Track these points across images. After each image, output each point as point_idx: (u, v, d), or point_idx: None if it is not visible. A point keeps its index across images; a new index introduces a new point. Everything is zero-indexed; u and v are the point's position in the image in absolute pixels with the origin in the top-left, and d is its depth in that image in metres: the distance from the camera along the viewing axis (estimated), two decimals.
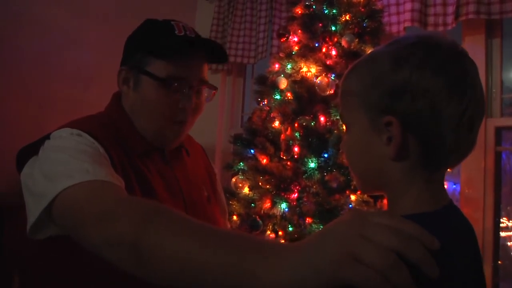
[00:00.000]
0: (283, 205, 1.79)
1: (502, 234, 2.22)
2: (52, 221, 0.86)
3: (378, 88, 0.67)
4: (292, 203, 1.78)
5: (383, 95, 0.66)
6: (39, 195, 0.86)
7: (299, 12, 2.00)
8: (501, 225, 2.17)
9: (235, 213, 1.85)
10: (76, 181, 0.81)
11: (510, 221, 2.50)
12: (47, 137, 0.96)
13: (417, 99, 0.64)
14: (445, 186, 0.73)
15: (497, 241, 2.09)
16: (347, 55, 1.82)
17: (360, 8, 1.90)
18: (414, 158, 0.66)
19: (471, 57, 0.68)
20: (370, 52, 0.74)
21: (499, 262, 2.10)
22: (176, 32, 1.03)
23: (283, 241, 1.76)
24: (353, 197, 1.70)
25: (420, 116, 0.64)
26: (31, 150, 0.96)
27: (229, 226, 1.40)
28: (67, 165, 0.85)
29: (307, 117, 1.82)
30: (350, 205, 1.69)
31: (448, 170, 0.72)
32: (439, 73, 0.64)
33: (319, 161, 1.75)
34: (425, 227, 0.63)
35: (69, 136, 0.93)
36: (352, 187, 1.69)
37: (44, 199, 0.83)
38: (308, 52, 1.91)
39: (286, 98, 1.91)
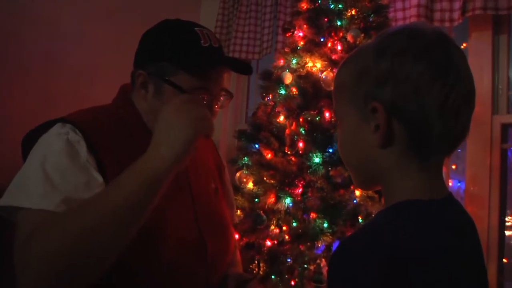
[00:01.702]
0: (288, 200, 1.78)
1: (508, 233, 2.20)
2: None
3: (364, 79, 0.69)
4: (296, 198, 1.77)
5: (369, 84, 0.68)
6: (8, 189, 0.91)
7: (305, 7, 1.99)
8: (507, 223, 2.15)
9: (239, 207, 1.84)
10: (29, 205, 0.86)
11: None
12: (49, 124, 0.97)
13: (400, 85, 0.65)
14: (448, 184, 0.72)
15: (502, 239, 2.08)
16: (352, 50, 1.80)
17: (366, 3, 1.89)
18: (402, 145, 0.67)
19: (458, 45, 0.69)
20: (358, 46, 0.76)
21: (504, 260, 2.09)
22: (201, 42, 1.01)
23: (287, 236, 1.76)
24: (357, 192, 1.69)
25: (404, 101, 0.65)
26: (34, 136, 0.98)
27: (236, 219, 1.40)
28: (34, 182, 0.88)
29: (312, 112, 1.81)
30: (355, 200, 1.69)
31: (453, 167, 0.72)
32: (420, 57, 0.65)
33: (324, 156, 1.74)
34: (418, 217, 0.64)
35: (56, 140, 0.93)
36: None
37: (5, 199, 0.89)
38: (313, 47, 1.90)
39: (291, 93, 1.90)
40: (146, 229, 0.95)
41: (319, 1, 1.95)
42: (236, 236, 1.70)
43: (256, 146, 1.91)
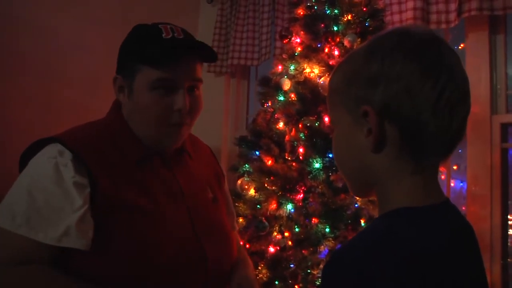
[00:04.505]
0: (289, 206, 1.79)
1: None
2: None
3: (355, 82, 0.68)
4: (298, 204, 1.78)
5: (360, 87, 0.67)
6: None
7: (301, 13, 2.00)
8: (510, 222, 2.15)
9: (241, 215, 1.86)
10: (10, 228, 0.92)
11: None
12: (43, 143, 1.01)
13: (391, 85, 0.64)
14: (450, 184, 0.72)
15: (505, 239, 2.08)
16: None
17: (362, 7, 1.90)
18: (395, 148, 0.65)
19: (450, 46, 0.68)
20: (351, 51, 0.75)
21: (508, 259, 2.08)
22: (163, 35, 1.03)
23: (290, 242, 1.76)
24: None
25: (396, 102, 0.64)
26: (28, 155, 1.02)
27: (236, 227, 1.41)
28: (20, 205, 0.93)
29: (311, 118, 1.82)
30: (356, 204, 1.69)
31: (454, 167, 0.71)
32: (410, 57, 0.64)
33: (324, 161, 1.75)
34: (416, 223, 0.62)
35: (44, 164, 0.97)
36: None
37: None
38: (310, 52, 1.91)
39: (290, 99, 1.92)
40: (144, 243, 0.97)
41: (315, 7, 1.96)
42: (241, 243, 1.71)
43: (257, 153, 1.92)
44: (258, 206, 1.84)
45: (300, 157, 1.81)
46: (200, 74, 1.08)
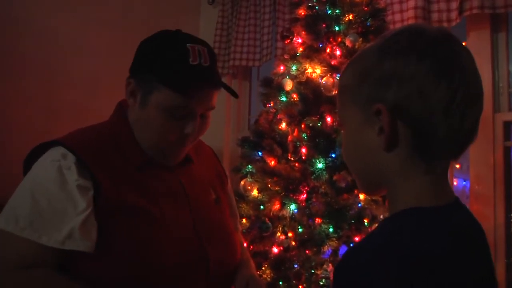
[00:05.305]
0: (292, 206, 1.79)
1: None
2: None
3: (367, 80, 0.67)
4: (301, 204, 1.78)
5: (372, 86, 0.66)
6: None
7: (302, 13, 2.00)
8: None
9: (244, 215, 1.86)
10: (13, 230, 0.92)
11: None
12: (46, 147, 1.01)
13: (404, 85, 0.63)
14: (453, 183, 0.72)
15: (509, 237, 2.08)
16: (351, 54, 1.82)
17: (363, 7, 1.90)
18: (407, 147, 0.65)
19: (464, 45, 0.67)
20: (362, 48, 0.74)
21: None
22: (190, 60, 1.00)
23: (293, 242, 1.76)
24: (361, 197, 1.69)
25: (409, 102, 0.63)
26: (33, 157, 1.02)
27: (240, 228, 1.41)
28: (23, 208, 0.94)
29: (313, 118, 1.82)
30: (359, 204, 1.69)
31: (457, 166, 0.71)
32: (424, 57, 0.63)
33: (327, 161, 1.75)
34: (424, 224, 0.62)
35: (48, 167, 0.97)
36: None
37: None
38: (312, 53, 1.91)
39: (292, 99, 1.91)
40: (145, 243, 0.97)
41: (317, 7, 1.96)
42: (245, 244, 1.71)
43: (259, 153, 1.92)
44: (261, 206, 1.84)
45: (303, 158, 1.81)
46: (215, 102, 1.07)
